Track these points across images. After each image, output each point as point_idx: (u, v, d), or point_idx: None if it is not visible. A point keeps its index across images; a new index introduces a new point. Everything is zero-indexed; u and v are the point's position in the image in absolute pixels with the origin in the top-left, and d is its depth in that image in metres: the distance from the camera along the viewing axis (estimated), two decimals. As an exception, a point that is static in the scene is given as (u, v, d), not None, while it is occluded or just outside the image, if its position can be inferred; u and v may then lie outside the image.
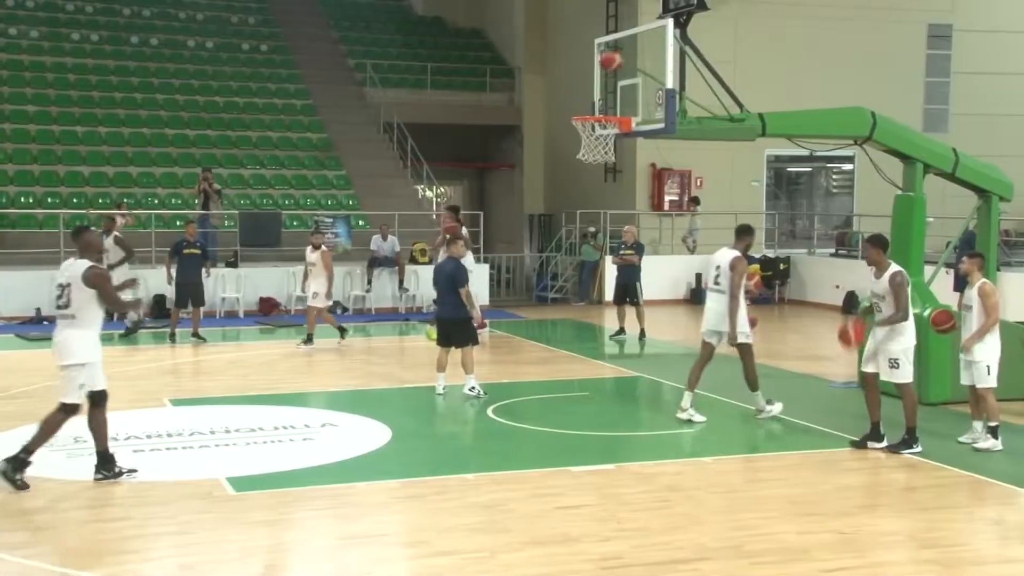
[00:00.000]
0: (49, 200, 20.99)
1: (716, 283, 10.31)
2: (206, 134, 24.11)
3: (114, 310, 8.02)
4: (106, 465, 8.10)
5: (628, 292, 16.61)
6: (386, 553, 6.73)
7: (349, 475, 8.39)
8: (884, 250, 9.20)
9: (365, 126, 25.88)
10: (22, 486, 7.77)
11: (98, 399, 8.05)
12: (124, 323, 16.48)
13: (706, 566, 6.38)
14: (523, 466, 8.68)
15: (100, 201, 21.00)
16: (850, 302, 19.56)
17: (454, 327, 11.46)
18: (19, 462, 7.85)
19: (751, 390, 10.54)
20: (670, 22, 11.13)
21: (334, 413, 10.32)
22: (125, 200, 20.54)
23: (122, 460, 8.28)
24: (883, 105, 13.40)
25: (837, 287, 20.48)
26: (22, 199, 20.95)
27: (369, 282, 20.02)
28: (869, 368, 9.31)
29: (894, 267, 9.11)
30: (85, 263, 7.94)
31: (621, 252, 16.88)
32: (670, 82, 10.87)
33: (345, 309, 19.74)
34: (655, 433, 10.44)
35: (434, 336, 11.85)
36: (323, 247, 15.54)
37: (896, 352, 9.06)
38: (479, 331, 12.08)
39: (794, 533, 7.09)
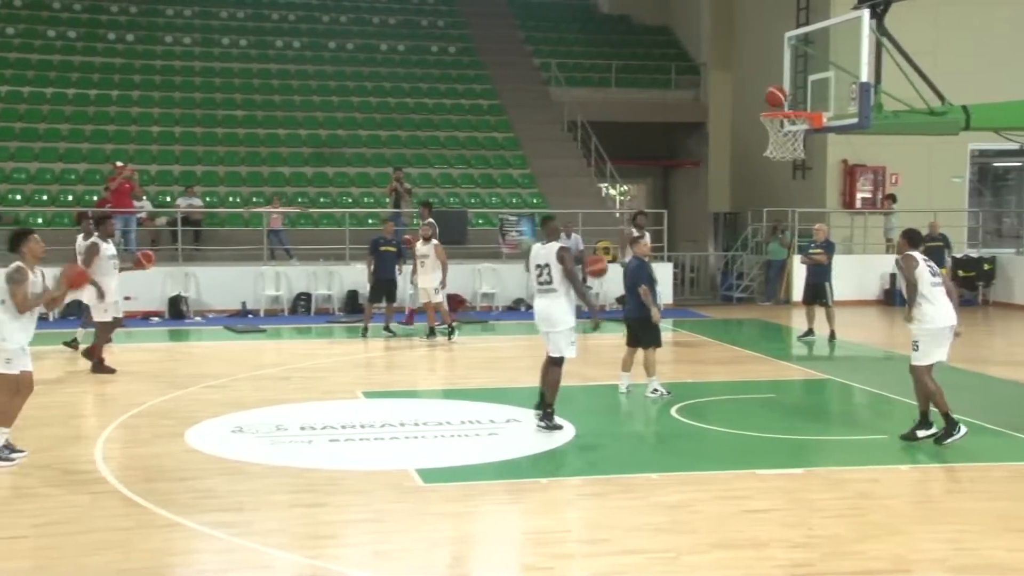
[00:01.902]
0: (254, 199, 22.24)
1: None
2: (397, 135, 24.95)
3: (573, 286, 9.46)
4: (548, 418, 9.57)
5: (818, 292, 16.13)
6: (569, 549, 6.78)
7: (533, 471, 8.50)
8: (909, 243, 9.07)
9: (550, 125, 26.14)
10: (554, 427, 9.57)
11: (559, 360, 9.55)
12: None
13: (903, 579, 6.12)
14: (708, 467, 8.56)
15: (299, 200, 22.11)
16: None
17: (639, 326, 11.43)
18: (546, 415, 9.60)
19: None
20: (866, 12, 10.76)
21: (519, 409, 10.47)
22: (277, 196, 21.31)
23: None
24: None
25: (1048, 289, 19.21)
26: (230, 199, 22.30)
27: (552, 280, 20.20)
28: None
29: (908, 251, 9.00)
30: (555, 244, 9.45)
31: (809, 251, 16.41)
32: (865, 75, 10.52)
33: (529, 307, 19.97)
34: (846, 438, 10.09)
35: None
36: (435, 240, 15.86)
37: (916, 334, 8.92)
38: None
39: (1003, 550, 6.68)
